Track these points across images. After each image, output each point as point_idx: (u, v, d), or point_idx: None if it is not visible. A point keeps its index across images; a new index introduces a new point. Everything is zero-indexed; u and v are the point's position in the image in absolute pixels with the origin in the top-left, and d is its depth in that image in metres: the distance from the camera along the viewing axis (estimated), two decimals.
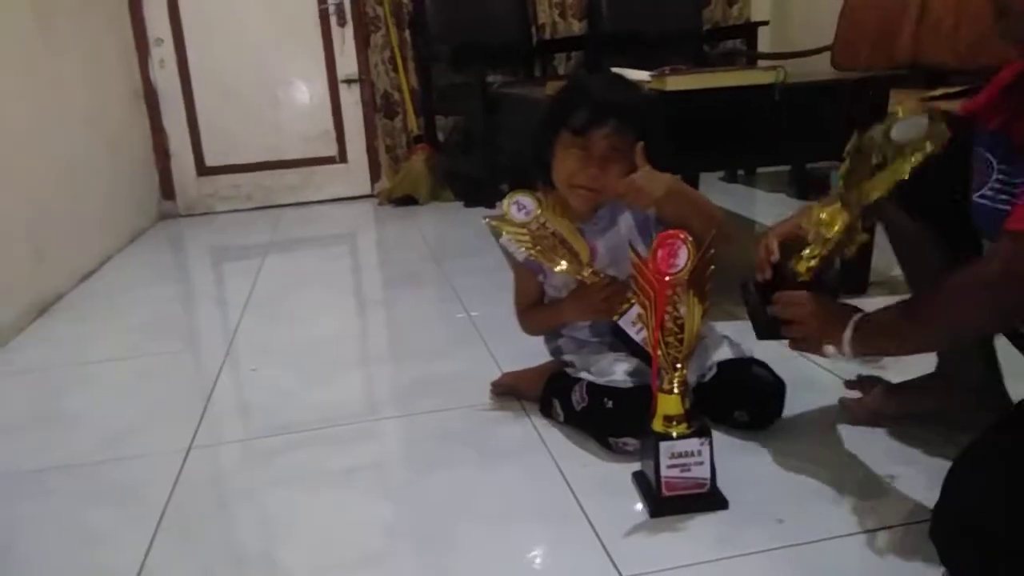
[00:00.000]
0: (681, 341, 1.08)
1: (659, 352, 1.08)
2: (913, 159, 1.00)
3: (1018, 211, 0.84)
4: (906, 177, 1.01)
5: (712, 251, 1.06)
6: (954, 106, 1.05)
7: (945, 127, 1.00)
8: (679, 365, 1.09)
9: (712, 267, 1.07)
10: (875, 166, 1.04)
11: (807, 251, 1.13)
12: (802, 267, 1.13)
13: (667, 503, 1.10)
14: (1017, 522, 0.82)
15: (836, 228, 1.10)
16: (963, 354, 1.23)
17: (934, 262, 1.15)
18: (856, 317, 1.04)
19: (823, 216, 1.11)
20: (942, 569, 0.90)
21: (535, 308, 1.45)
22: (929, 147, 0.99)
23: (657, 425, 1.10)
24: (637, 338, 1.24)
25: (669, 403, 1.10)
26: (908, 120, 1.02)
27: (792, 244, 1.14)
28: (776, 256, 1.14)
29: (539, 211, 1.32)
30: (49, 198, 2.56)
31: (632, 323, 1.24)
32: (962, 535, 0.87)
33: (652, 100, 1.52)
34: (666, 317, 1.07)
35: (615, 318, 1.27)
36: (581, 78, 1.34)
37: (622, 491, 1.17)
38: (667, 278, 1.05)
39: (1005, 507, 0.83)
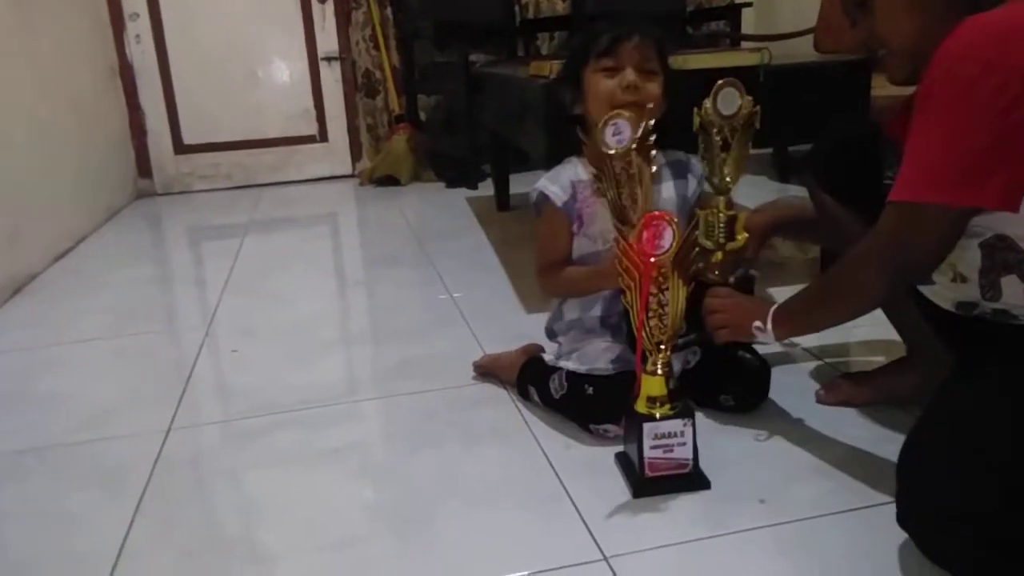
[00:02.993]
0: (665, 323, 1.08)
1: (643, 333, 1.08)
2: (740, 135, 1.21)
3: (897, 184, 0.91)
4: (748, 154, 1.22)
5: (696, 234, 1.06)
6: None
7: (748, 100, 1.20)
8: (663, 346, 1.09)
9: (696, 250, 1.07)
10: (721, 146, 1.21)
11: (713, 259, 1.26)
12: (715, 275, 1.26)
13: (650, 484, 1.11)
14: (969, 491, 0.85)
15: (721, 217, 1.24)
16: (930, 336, 1.24)
17: (856, 237, 1.24)
18: (774, 305, 1.14)
19: (708, 218, 1.25)
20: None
21: (564, 266, 1.35)
22: (740, 120, 1.20)
23: (640, 406, 1.11)
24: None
25: (652, 384, 1.10)
26: (726, 92, 1.19)
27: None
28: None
29: (634, 143, 1.14)
30: (22, 176, 2.51)
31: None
32: (926, 518, 0.89)
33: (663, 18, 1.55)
34: (650, 299, 1.07)
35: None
36: (595, 24, 1.35)
37: (605, 472, 1.18)
38: (652, 259, 1.05)
39: (956, 480, 0.86)
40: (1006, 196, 0.85)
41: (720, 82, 1.20)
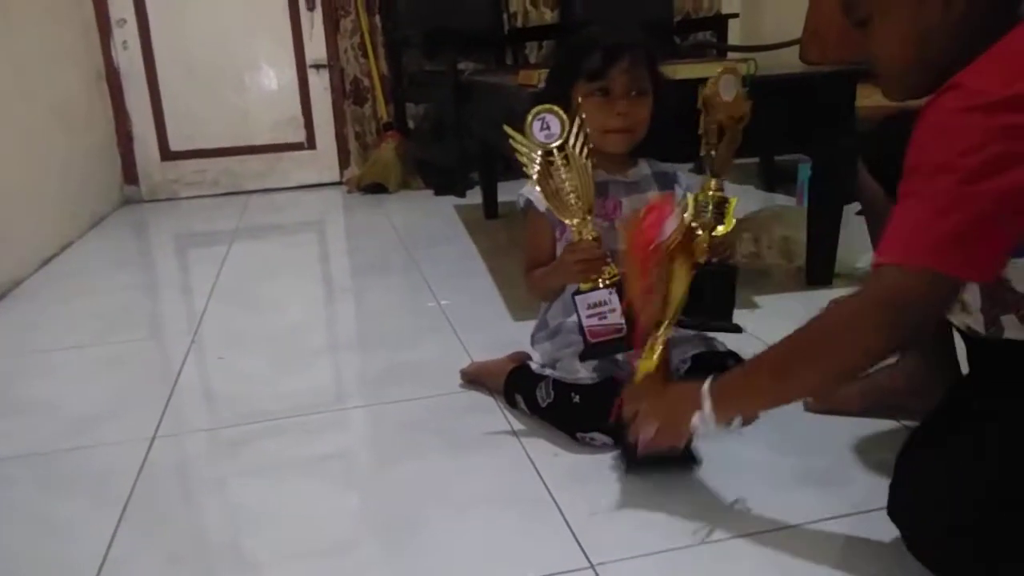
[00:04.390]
0: (663, 310, 1.09)
1: (642, 320, 1.09)
2: (735, 121, 1.25)
3: (884, 242, 0.84)
4: (740, 140, 1.26)
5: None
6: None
7: (744, 91, 1.24)
8: (659, 335, 1.09)
9: (700, 234, 1.09)
10: (719, 131, 1.25)
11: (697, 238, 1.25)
12: (698, 252, 1.23)
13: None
14: (965, 499, 0.85)
15: (712, 196, 1.25)
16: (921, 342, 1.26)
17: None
18: (707, 384, 0.98)
19: (699, 198, 1.25)
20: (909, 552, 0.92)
21: (538, 268, 1.37)
22: (738, 111, 1.24)
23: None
24: (584, 321, 1.22)
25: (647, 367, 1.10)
26: (728, 79, 1.24)
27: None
28: None
29: (562, 139, 1.18)
30: (7, 182, 2.49)
31: (588, 305, 1.22)
32: (919, 519, 0.90)
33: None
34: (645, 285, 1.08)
35: (583, 286, 1.23)
36: (583, 31, 1.36)
37: (592, 479, 1.18)
38: (652, 247, 1.06)
39: (951, 487, 0.87)
40: (992, 266, 0.82)
41: (721, 69, 1.25)
